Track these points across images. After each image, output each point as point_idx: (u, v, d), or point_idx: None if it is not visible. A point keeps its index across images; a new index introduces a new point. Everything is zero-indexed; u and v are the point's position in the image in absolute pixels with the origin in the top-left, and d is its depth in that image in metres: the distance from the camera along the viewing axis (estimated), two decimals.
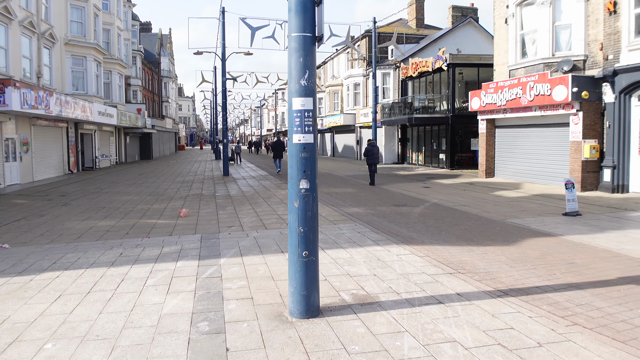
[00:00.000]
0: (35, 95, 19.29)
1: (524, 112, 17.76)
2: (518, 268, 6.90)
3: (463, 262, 7.20)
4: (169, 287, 6.24)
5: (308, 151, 4.86)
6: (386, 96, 33.04)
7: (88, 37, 27.39)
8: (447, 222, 10.76)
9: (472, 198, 14.91)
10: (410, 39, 35.41)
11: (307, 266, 4.94)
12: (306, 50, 4.79)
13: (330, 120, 41.88)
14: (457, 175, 22.90)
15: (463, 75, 26.43)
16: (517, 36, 18.10)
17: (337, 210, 12.31)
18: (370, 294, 5.71)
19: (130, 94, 40.62)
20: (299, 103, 4.82)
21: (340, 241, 8.65)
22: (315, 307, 5.04)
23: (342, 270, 6.73)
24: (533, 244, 8.55)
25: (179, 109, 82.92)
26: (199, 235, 9.56)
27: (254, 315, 5.17)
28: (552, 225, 10.39)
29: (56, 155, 25.37)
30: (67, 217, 12.36)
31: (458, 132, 26.37)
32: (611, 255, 7.74)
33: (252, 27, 23.50)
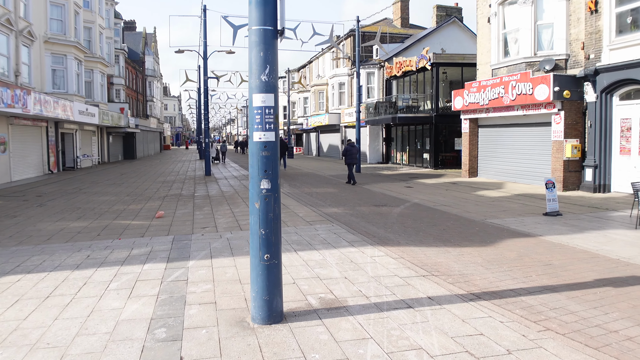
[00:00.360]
0: (12, 94, 18.85)
1: (506, 111, 17.70)
2: (493, 270, 6.74)
3: (438, 264, 7.02)
4: (131, 291, 5.99)
5: (269, 150, 4.63)
6: (371, 96, 32.91)
7: (68, 35, 26.88)
8: (426, 222, 10.60)
9: (453, 198, 14.79)
10: (395, 38, 35.30)
11: (269, 270, 4.72)
12: (267, 44, 4.57)
13: (316, 119, 41.67)
14: (441, 175, 22.81)
15: (447, 75, 26.37)
16: (499, 35, 18.03)
17: (315, 211, 12.10)
18: (339, 298, 5.50)
19: (113, 93, 40.05)
20: (259, 99, 4.60)
21: (315, 242, 8.44)
22: (278, 312, 4.82)
23: (312, 273, 6.52)
24: (511, 244, 8.41)
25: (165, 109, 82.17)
26: (171, 237, 9.29)
27: (214, 321, 4.94)
28: (532, 225, 10.28)
29: (35, 155, 24.85)
30: (40, 218, 12.01)
31: (442, 131, 26.30)
32: (589, 256, 7.62)
33: (234, 25, 23.19)
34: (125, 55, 42.37)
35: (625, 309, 5.23)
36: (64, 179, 23.32)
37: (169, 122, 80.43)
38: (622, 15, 13.90)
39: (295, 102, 52.37)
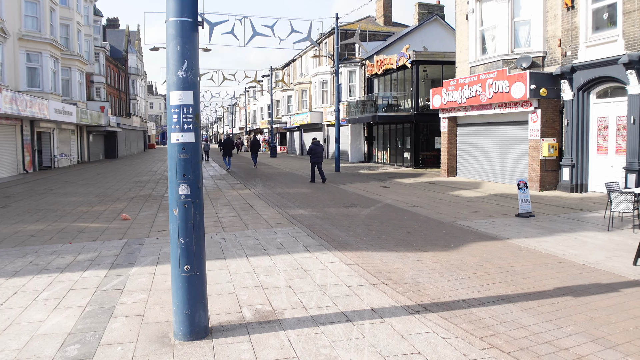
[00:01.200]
0: None
1: (483, 109, 17.42)
2: (450, 277, 6.40)
3: (392, 271, 6.66)
4: (60, 302, 5.59)
5: (188, 152, 4.23)
6: (352, 94, 32.54)
7: (43, 32, 26.22)
8: (393, 224, 10.25)
9: (427, 198, 14.47)
10: (378, 36, 35.00)
11: (189, 282, 4.32)
12: (185, 37, 4.17)
13: (298, 118, 41.25)
14: (420, 175, 22.51)
15: (427, 73, 26.06)
16: (477, 32, 17.73)
17: (281, 213, 11.71)
18: (276, 310, 5.12)
19: (94, 92, 39.33)
20: (176, 97, 4.20)
21: (270, 247, 8.05)
22: (201, 327, 4.43)
23: (256, 282, 6.13)
24: (475, 248, 8.08)
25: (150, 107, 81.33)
26: (124, 241, 8.87)
27: (135, 336, 4.54)
28: (502, 227, 9.97)
29: (9, 155, 24.21)
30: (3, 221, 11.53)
31: (423, 130, 26.01)
32: (554, 261, 7.31)
33: (211, 22, 22.71)
34: (106, 53, 41.66)
35: (582, 322, 4.89)
36: (38, 179, 22.72)
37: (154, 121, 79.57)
38: (598, 12, 13.64)
39: (280, 101, 51.90)
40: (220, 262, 7.12)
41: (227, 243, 8.44)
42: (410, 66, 25.12)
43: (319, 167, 19.06)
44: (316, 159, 18.90)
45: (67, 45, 31.08)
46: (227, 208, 12.69)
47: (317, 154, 18.92)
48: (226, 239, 8.84)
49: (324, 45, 37.64)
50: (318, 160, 18.96)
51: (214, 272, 6.59)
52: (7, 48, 23.80)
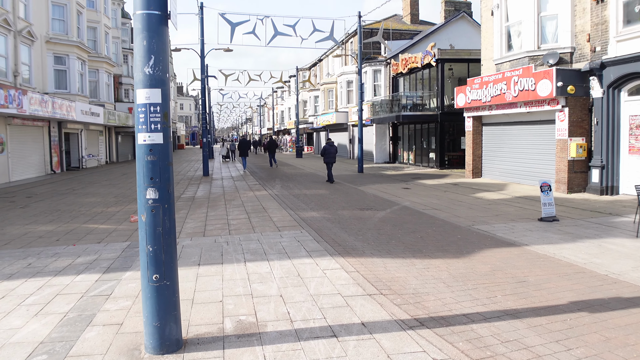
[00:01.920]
0: (6, 94, 18.60)
1: (509, 108, 16.71)
2: (455, 288, 5.95)
3: (394, 280, 6.26)
4: (43, 307, 5.42)
5: (155, 154, 3.96)
6: (377, 93, 32.01)
7: (70, 35, 26.70)
8: (405, 228, 9.81)
9: (448, 200, 13.93)
10: (404, 34, 34.36)
11: (158, 292, 4.05)
12: (152, 31, 3.90)
13: (324, 118, 40.93)
14: (445, 176, 21.86)
15: (453, 71, 25.33)
16: (502, 28, 17.03)
17: (292, 215, 11.40)
18: (259, 322, 4.80)
19: (122, 93, 39.98)
20: (143, 95, 3.92)
21: (271, 252, 7.75)
22: (172, 340, 4.14)
23: (247, 290, 5.83)
24: (489, 255, 7.58)
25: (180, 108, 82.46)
26: (127, 244, 8.73)
27: (106, 347, 4.30)
28: (521, 232, 9.40)
29: (36, 155, 24.70)
30: (14, 220, 11.62)
31: (449, 130, 25.30)
32: (573, 271, 6.76)
33: (232, 22, 22.66)
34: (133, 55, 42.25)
35: (595, 343, 4.40)
36: (63, 179, 23.09)
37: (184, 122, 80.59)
38: (629, 4, 12.83)
39: (307, 101, 51.71)
40: (216, 268, 6.85)
41: (229, 247, 8.18)
42: (435, 64, 24.47)
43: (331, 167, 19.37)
44: (330, 159, 19.15)
45: (95, 48, 31.62)
46: (239, 210, 12.47)
47: (330, 154, 19.19)
48: (229, 242, 8.59)
49: (350, 44, 37.23)
50: (331, 161, 19.18)
51: (207, 278, 6.33)
52: (34, 51, 24.28)
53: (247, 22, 23.11)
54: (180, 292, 5.74)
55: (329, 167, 19.40)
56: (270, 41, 23.75)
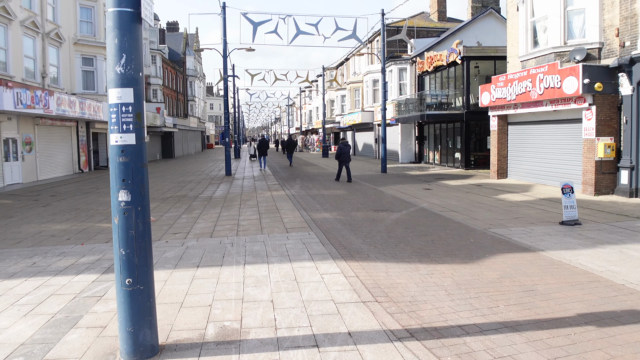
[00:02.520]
0: (32, 94, 19.07)
1: (534, 107, 16.11)
2: (456, 296, 5.66)
3: (393, 286, 6.00)
4: (34, 308, 5.43)
5: (128, 155, 3.84)
6: (403, 92, 31.53)
7: (98, 37, 27.22)
8: (417, 231, 9.50)
9: (468, 202, 13.51)
10: (431, 32, 33.74)
11: (131, 297, 3.93)
12: (124, 28, 3.78)
13: (350, 118, 40.63)
14: (469, 176, 21.30)
15: (479, 69, 24.67)
16: (527, 24, 16.43)
17: (304, 216, 11.23)
18: (243, 329, 4.64)
19: (150, 93, 40.63)
20: (114, 95, 3.81)
21: (273, 254, 7.59)
22: (146, 346, 4.02)
23: (239, 294, 5.68)
24: (499, 261, 7.23)
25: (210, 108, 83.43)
26: None
27: (84, 351, 4.23)
28: (539, 236, 8.98)
29: (64, 155, 25.29)
30: (32, 219, 11.85)
31: (474, 129, 24.67)
32: (588, 279, 6.36)
33: (254, 22, 22.65)
34: (161, 56, 42.90)
35: None
36: (89, 178, 23.56)
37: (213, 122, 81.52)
38: None
39: (334, 100, 51.51)
40: (213, 270, 6.74)
41: (233, 248, 8.07)
42: (460, 62, 23.89)
43: (347, 167, 19.62)
44: (345, 158, 19.43)
45: None
46: (253, 210, 12.38)
47: (346, 155, 19.48)
48: (234, 243, 8.48)
49: (376, 43, 36.82)
50: (346, 160, 19.47)
51: (202, 281, 6.23)
52: (62, 52, 24.84)
53: (269, 22, 23.09)
54: (172, 295, 5.67)
55: (346, 167, 19.62)
56: (293, 40, 23.66)
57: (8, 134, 19.76)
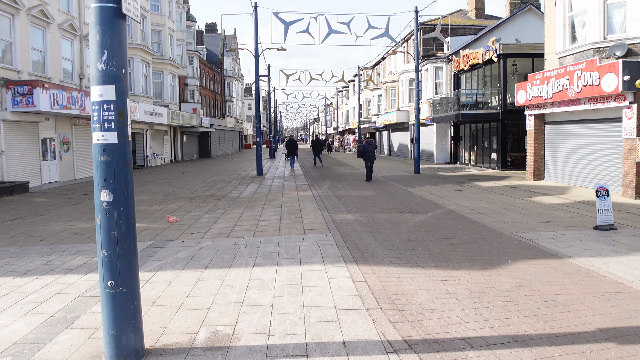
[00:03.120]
0: (68, 95, 19.60)
1: (572, 105, 15.34)
2: (467, 305, 5.33)
3: (401, 293, 5.72)
4: (36, 306, 5.46)
5: (109, 154, 3.74)
6: (439, 91, 30.85)
7: (135, 39, 27.87)
8: (440, 235, 9.13)
9: (499, 204, 12.98)
10: (469, 30, 32.90)
11: (114, 300, 3.83)
12: (105, 24, 3.68)
13: (385, 118, 40.12)
14: (504, 178, 20.56)
15: (517, 67, 23.78)
16: (565, 19, 15.67)
17: (325, 217, 11.01)
18: (235, 334, 4.48)
19: (187, 94, 41.32)
20: (96, 93, 3.71)
21: (285, 256, 7.42)
22: (130, 350, 3.91)
23: (240, 297, 5.53)
24: (521, 268, 6.82)
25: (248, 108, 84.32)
26: (150, 243, 8.74)
27: (71, 353, 4.18)
28: (569, 242, 8.46)
29: None
30: (61, 217, 12.13)
31: (511, 129, 23.82)
32: (616, 290, 5.90)
33: (286, 21, 22.62)
34: (199, 57, 43.55)
35: None
36: None
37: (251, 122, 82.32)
38: None
39: (370, 100, 51.07)
40: (220, 272, 6.62)
41: (246, 250, 7.95)
42: (497, 60, 23.11)
43: (370, 165, 19.88)
44: (369, 157, 19.68)
45: (160, 50, 32.83)
46: (275, 211, 12.26)
47: (370, 153, 19.69)
48: (249, 244, 8.36)
49: (412, 41, 36.20)
50: (369, 158, 19.71)
51: (206, 283, 6.12)
52: None
53: (300, 21, 23.02)
54: (172, 297, 5.57)
55: (369, 166, 19.94)
56: (324, 39, 23.53)
57: (46, 134, 20.40)
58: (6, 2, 17.56)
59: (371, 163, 19.85)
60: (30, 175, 19.26)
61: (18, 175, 18.38)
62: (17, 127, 18.46)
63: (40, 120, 19.78)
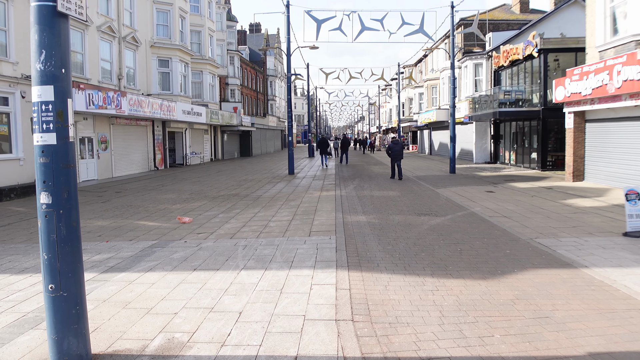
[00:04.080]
0: (104, 95, 20.18)
1: (612, 102, 14.34)
2: (449, 320, 4.94)
3: (382, 303, 5.39)
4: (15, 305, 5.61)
5: (48, 155, 3.64)
6: (478, 89, 29.79)
7: (173, 39, 28.42)
8: (451, 239, 8.68)
9: (528, 207, 12.29)
10: (512, 25, 31.60)
11: (55, 304, 3.75)
12: (43, 23, 3.59)
13: (425, 116, 39.22)
14: (543, 178, 19.55)
15: (559, 62, 22.54)
16: (606, 10, 14.66)
17: (337, 218, 10.74)
18: (189, 342, 4.31)
19: (228, 93, 41.87)
20: (35, 93, 3.63)
21: (278, 260, 7.21)
22: (72, 356, 3.82)
23: (213, 302, 5.37)
24: (525, 278, 6.32)
25: (294, 107, 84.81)
26: (153, 242, 8.77)
27: (22, 355, 4.19)
28: (590, 250, 7.83)
29: (140, 153, 26.64)
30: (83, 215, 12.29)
31: (553, 127, 22.61)
32: (626, 307, 5.34)
33: (318, 19, 22.44)
34: (241, 56, 44.04)
35: None
36: (160, 175, 24.61)
37: (296, 121, 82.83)
38: None
39: (412, 98, 50.14)
40: (206, 274, 6.50)
41: (242, 252, 7.81)
42: (537, 55, 22.02)
43: (398, 165, 20.12)
44: (395, 155, 19.95)
45: (199, 51, 33.38)
46: (290, 211, 12.10)
47: (396, 153, 19.93)
48: (248, 246, 8.22)
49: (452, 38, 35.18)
50: (396, 157, 19.98)
51: (186, 286, 6.01)
52: (139, 55, 26.18)
53: (333, 19, 22.78)
54: (147, 300, 5.49)
55: (397, 165, 20.14)
56: (357, 37, 23.19)
57: (84, 133, 21.09)
58: None
59: (399, 161, 20.00)
60: None
61: None
62: None
63: (78, 120, 20.47)
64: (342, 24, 22.96)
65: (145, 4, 26.95)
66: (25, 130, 17.37)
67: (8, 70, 16.64)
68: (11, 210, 13.50)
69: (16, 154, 17.11)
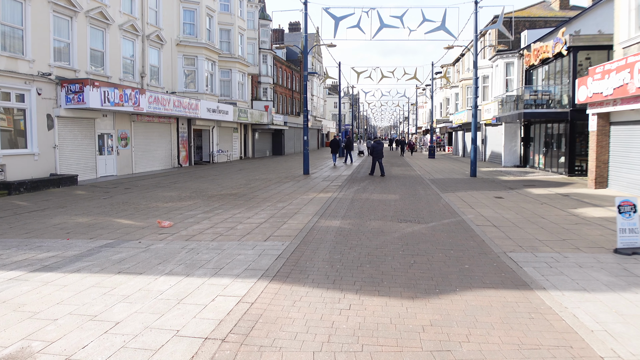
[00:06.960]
0: (121, 93, 20.48)
1: (634, 102, 13.11)
2: (330, 347, 4.42)
3: (275, 321, 4.92)
4: None
5: None
6: (509, 88, 28.36)
7: (199, 38, 28.65)
8: (412, 250, 8.04)
9: (527, 215, 11.40)
10: (550, 22, 29.92)
11: None
12: None
13: (458, 117, 37.91)
14: (565, 184, 18.24)
15: (591, 61, 21.00)
16: (630, 3, 13.42)
17: (311, 222, 10.29)
18: (38, 353, 4.02)
19: (260, 92, 41.97)
20: None
21: (207, 266, 6.85)
22: None
23: (101, 309, 5.08)
24: (461, 300, 5.68)
25: (334, 106, 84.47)
26: (106, 242, 8.63)
27: None
28: (563, 268, 7.02)
29: (163, 150, 27.00)
30: (75, 210, 12.54)
31: (582, 130, 21.12)
32: (557, 342, 4.65)
33: (336, 17, 21.99)
34: (274, 55, 44.04)
35: None
36: (180, 173, 24.80)
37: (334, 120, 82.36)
38: None
39: (449, 99, 48.67)
40: (124, 278, 6.24)
41: (181, 255, 7.52)
42: (566, 53, 20.62)
43: (380, 162, 22.33)
44: (377, 155, 22.18)
45: (229, 49, 33.55)
46: (269, 213, 11.75)
47: (378, 152, 22.17)
48: (193, 249, 7.94)
49: (487, 35, 33.79)
50: (378, 157, 22.22)
51: (94, 290, 5.77)
52: (164, 53, 26.52)
53: (351, 16, 22.26)
54: (41, 303, 5.33)
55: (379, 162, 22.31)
56: (376, 34, 22.58)
57: (103, 130, 21.52)
58: (64, 5, 18.69)
59: (380, 160, 22.23)
60: (84, 169, 20.41)
61: (72, 169, 19.54)
62: (72, 123, 19.61)
63: (96, 116, 20.90)
64: (360, 21, 22.40)
65: (172, 2, 27.28)
66: (41, 126, 17.88)
67: (24, 68, 17.13)
68: (13, 204, 13.80)
69: (31, 149, 17.62)
